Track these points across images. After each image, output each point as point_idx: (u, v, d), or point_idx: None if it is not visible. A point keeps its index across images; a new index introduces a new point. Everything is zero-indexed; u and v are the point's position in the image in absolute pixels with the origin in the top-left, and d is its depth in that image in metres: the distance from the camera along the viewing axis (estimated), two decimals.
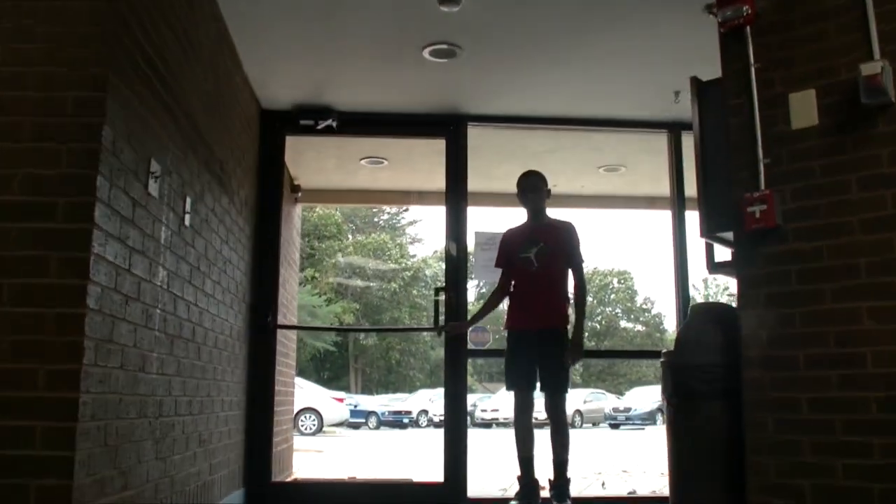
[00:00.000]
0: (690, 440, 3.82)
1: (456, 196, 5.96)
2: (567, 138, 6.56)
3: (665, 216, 7.04)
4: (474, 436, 5.69)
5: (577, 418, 27.69)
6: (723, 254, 4.34)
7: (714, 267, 4.36)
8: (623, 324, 49.69)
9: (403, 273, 44.33)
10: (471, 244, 6.05)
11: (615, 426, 27.27)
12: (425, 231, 55.41)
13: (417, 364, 44.47)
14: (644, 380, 41.42)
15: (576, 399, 28.37)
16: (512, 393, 5.08)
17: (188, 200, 3.79)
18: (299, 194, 7.67)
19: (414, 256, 47.49)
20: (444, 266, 6.11)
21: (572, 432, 5.16)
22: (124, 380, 2.95)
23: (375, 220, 49.43)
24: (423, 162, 7.08)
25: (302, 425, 21.24)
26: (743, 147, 3.69)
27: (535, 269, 5.01)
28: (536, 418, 5.00)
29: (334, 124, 5.83)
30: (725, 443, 3.67)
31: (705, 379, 3.74)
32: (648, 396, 29.94)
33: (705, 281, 45.03)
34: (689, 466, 3.83)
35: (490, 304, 5.45)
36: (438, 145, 6.17)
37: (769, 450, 3.43)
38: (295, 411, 21.06)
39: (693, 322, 3.99)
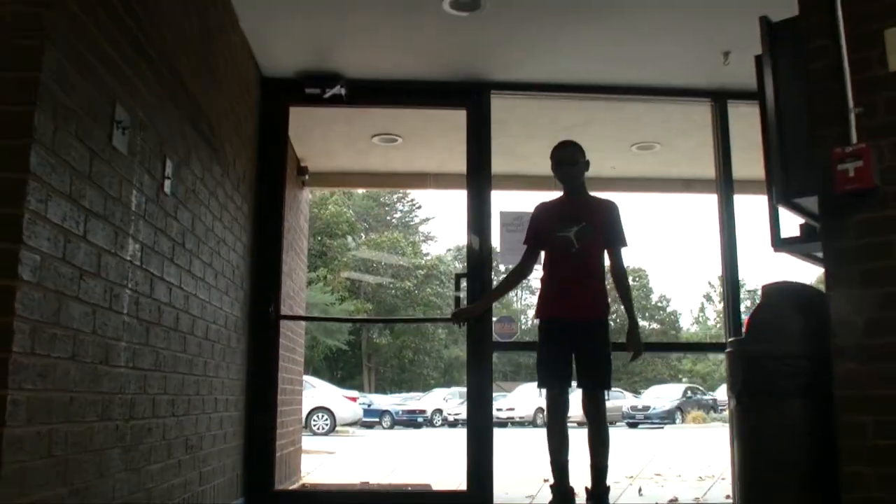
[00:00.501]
0: (765, 444, 3.22)
1: (478, 176, 5.35)
2: (600, 110, 5.94)
3: (701, 200, 6.44)
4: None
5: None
6: (788, 229, 3.75)
7: (780, 243, 3.73)
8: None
9: (417, 272, 44.01)
10: (495, 227, 5.43)
11: (633, 425, 26.66)
12: (438, 228, 55.12)
13: (431, 363, 44.32)
14: (659, 378, 40.90)
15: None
16: (543, 391, 4.52)
17: (169, 163, 3.21)
18: (306, 177, 7.09)
19: (427, 255, 47.24)
20: (460, 259, 5.49)
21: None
22: (78, 374, 2.36)
23: (388, 218, 49.34)
24: (441, 140, 6.48)
25: (314, 425, 20.99)
26: (827, 96, 3.09)
27: (576, 250, 4.44)
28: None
29: (343, 93, 5.22)
30: (810, 448, 3.09)
31: (784, 372, 3.14)
32: (667, 395, 29.43)
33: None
34: (763, 476, 3.22)
35: (507, 284, 5.00)
36: (457, 120, 5.54)
37: (868, 458, 2.83)
38: (307, 411, 21.01)
39: (768, 305, 3.38)
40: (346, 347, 40.61)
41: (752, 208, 5.48)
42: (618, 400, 29.30)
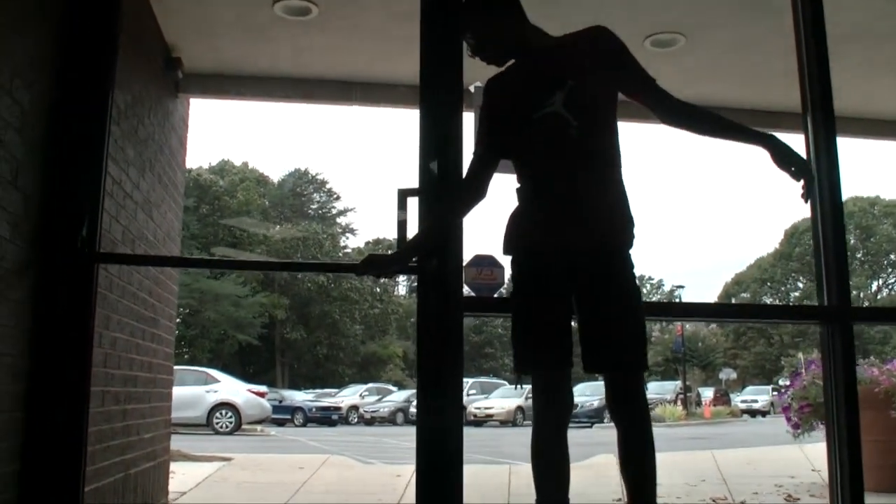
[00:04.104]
0: None
1: (440, 76, 3.14)
2: None
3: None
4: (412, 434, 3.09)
5: (520, 415, 25.83)
6: None
7: None
8: None
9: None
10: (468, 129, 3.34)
11: None
12: (358, 220, 53.46)
13: (347, 358, 43.31)
14: (579, 375, 39.64)
15: (517, 395, 26.76)
16: (524, 383, 2.66)
17: None
18: (180, 75, 4.94)
19: (346, 248, 46.02)
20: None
21: (515, 431, 2.61)
22: None
23: (304, 209, 47.52)
24: (375, 13, 4.41)
25: (217, 423, 19.14)
26: None
27: (576, 130, 2.49)
28: None
29: None
30: None
31: None
32: (593, 392, 28.07)
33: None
34: None
35: (445, 218, 2.85)
36: None
37: None
38: (208, 408, 18.90)
39: None
40: (256, 342, 38.96)
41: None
42: None
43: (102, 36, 3.04)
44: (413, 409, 26.13)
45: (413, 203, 3.04)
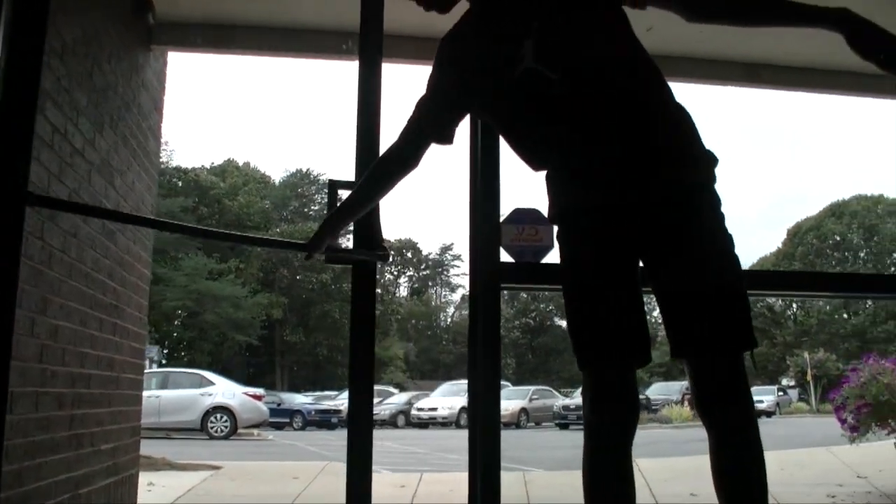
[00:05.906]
0: None
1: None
2: None
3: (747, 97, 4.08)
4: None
5: (523, 417, 25.48)
6: None
7: None
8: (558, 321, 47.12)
9: (334, 265, 41.96)
10: None
11: (564, 426, 24.46)
12: None
13: (346, 360, 42.66)
14: (578, 379, 39.05)
15: (520, 396, 26.55)
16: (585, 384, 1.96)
17: None
18: (151, 21, 4.19)
19: (347, 248, 45.54)
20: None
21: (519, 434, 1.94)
22: None
23: (305, 210, 47.09)
24: None
25: (212, 427, 18.39)
26: None
27: (557, 86, 1.83)
28: None
29: None
30: None
31: None
32: None
33: None
34: None
35: (376, 184, 2.16)
36: None
37: None
38: (203, 411, 18.20)
39: None
40: (257, 343, 38.93)
41: None
42: (547, 399, 27.51)
43: None
44: (414, 412, 25.57)
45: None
